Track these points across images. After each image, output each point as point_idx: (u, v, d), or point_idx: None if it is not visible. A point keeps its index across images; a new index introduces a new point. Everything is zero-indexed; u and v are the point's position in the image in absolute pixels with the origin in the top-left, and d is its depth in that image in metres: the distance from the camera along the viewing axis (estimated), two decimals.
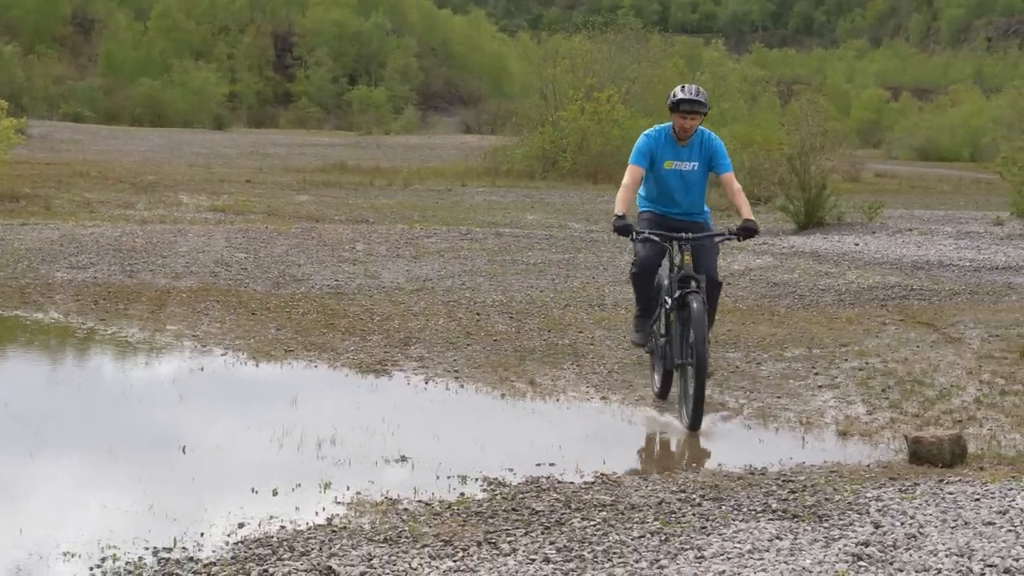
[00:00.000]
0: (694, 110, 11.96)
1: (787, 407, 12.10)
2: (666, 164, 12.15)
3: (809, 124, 35.34)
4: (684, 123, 11.97)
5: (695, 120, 12.02)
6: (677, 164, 12.14)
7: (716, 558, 7.36)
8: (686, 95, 11.98)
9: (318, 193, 38.39)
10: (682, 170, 12.16)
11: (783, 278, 21.10)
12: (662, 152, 12.15)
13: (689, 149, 12.15)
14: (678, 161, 12.13)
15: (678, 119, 12.02)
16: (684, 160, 12.13)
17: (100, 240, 23.06)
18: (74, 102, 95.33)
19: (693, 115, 11.98)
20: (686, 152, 12.14)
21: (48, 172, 40.40)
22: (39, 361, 14.52)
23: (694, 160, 12.16)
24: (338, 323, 15.98)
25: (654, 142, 12.19)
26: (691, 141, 12.14)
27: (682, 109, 11.96)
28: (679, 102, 11.97)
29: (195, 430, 10.98)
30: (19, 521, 8.30)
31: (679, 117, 12.00)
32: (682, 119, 11.98)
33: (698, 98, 11.99)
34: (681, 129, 12.03)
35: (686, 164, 12.13)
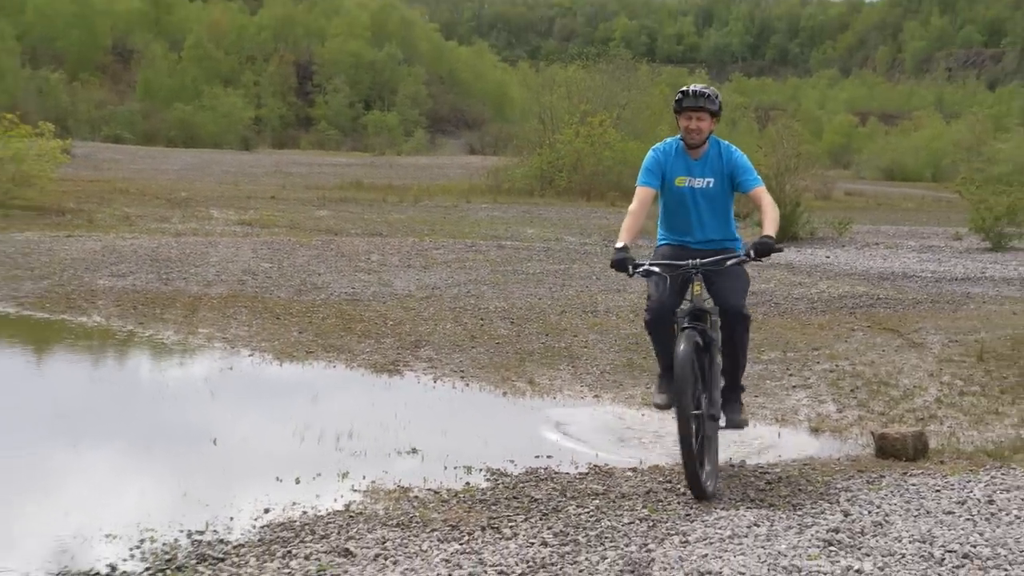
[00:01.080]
0: (700, 106, 9.33)
1: (764, 405, 12.10)
2: (677, 181, 9.50)
3: (784, 147, 35.45)
4: (690, 124, 9.33)
5: (704, 121, 9.36)
6: (690, 181, 9.48)
7: (699, 543, 7.38)
8: (692, 88, 9.48)
9: (336, 208, 38.40)
10: (696, 188, 9.49)
11: (760, 287, 21.08)
12: (672, 167, 9.53)
13: (703, 163, 9.49)
14: (691, 177, 9.48)
15: (683, 120, 9.41)
16: (697, 176, 9.47)
17: (138, 251, 23.09)
18: (114, 125, 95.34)
19: (700, 113, 9.34)
20: (699, 166, 9.48)
21: (91, 189, 40.39)
22: (83, 361, 14.51)
23: (709, 176, 9.48)
24: (354, 327, 15.98)
25: (663, 155, 9.57)
26: (705, 153, 9.48)
27: (686, 106, 9.38)
28: (683, 98, 9.44)
29: (225, 424, 10.99)
30: (64, 506, 8.31)
31: (684, 118, 9.40)
32: (687, 119, 9.36)
33: (705, 91, 9.44)
34: (687, 132, 9.35)
35: (700, 180, 9.46)
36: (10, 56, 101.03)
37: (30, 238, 25.16)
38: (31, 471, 9.37)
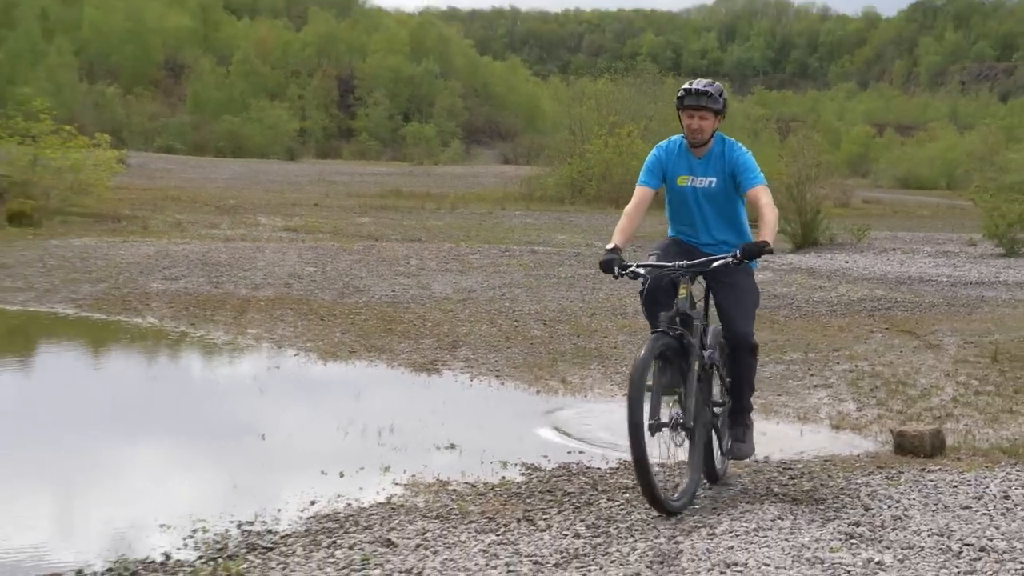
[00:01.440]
0: (701, 104, 8.56)
1: (786, 404, 12.06)
2: (679, 180, 8.81)
3: (805, 157, 35.32)
4: (691, 123, 8.59)
5: (706, 120, 8.60)
6: (692, 180, 8.77)
7: (726, 535, 7.35)
8: (692, 86, 8.69)
9: (377, 215, 38.44)
10: (698, 187, 8.76)
11: (782, 291, 21.03)
12: (675, 166, 8.84)
13: (706, 161, 8.75)
14: (693, 176, 8.77)
15: (685, 119, 8.67)
16: (699, 175, 8.75)
17: (190, 255, 23.15)
18: (166, 136, 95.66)
19: (702, 112, 8.58)
20: (702, 165, 8.75)
21: (144, 196, 40.52)
22: (138, 360, 14.56)
23: (711, 175, 8.73)
24: (395, 328, 15.99)
25: (664, 154, 8.88)
26: (709, 152, 8.74)
27: (687, 105, 8.62)
28: (684, 96, 8.66)
29: (272, 420, 11.01)
30: (121, 497, 8.35)
31: (686, 116, 8.65)
32: (688, 118, 8.61)
33: (706, 89, 8.63)
34: (689, 132, 8.63)
35: (701, 180, 8.74)
36: (68, 71, 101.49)
37: (88, 243, 25.25)
38: (89, 464, 9.40)
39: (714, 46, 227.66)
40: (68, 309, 16.98)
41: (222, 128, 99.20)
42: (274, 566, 6.72)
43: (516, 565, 6.68)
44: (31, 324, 16.26)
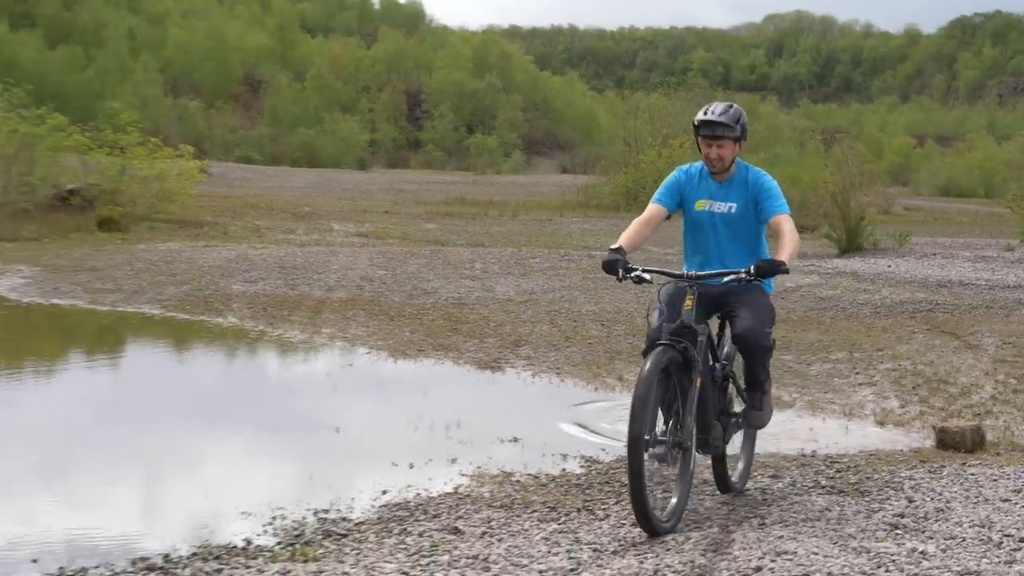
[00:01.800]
0: (716, 135, 7.96)
1: (833, 401, 11.99)
2: (697, 205, 8.16)
3: (849, 166, 35.16)
4: (709, 152, 8.01)
5: (724, 148, 7.99)
6: (710, 205, 8.11)
7: (775, 525, 7.33)
8: (708, 116, 8.02)
9: (443, 222, 38.49)
10: (715, 212, 8.08)
11: (828, 294, 20.91)
12: (694, 190, 8.20)
13: (727, 187, 8.11)
14: (712, 201, 8.11)
15: (703, 147, 8.12)
16: (719, 200, 8.08)
17: (267, 259, 23.25)
18: (245, 147, 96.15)
19: (720, 141, 7.98)
20: (722, 191, 8.10)
21: (225, 204, 40.73)
22: (219, 357, 14.64)
23: (732, 200, 8.06)
24: (460, 328, 16.00)
25: (685, 177, 8.28)
26: (731, 178, 8.11)
27: (703, 134, 8.06)
28: (700, 125, 8.05)
29: (346, 414, 11.04)
30: (204, 486, 8.39)
31: (704, 144, 8.09)
32: (707, 146, 8.05)
33: (721, 119, 7.95)
34: (708, 161, 8.05)
35: (721, 205, 8.06)
36: (154, 87, 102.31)
37: (172, 248, 25.41)
38: (175, 455, 9.45)
39: (762, 62, 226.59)
40: (154, 309, 17.09)
41: (297, 140, 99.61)
42: (348, 552, 6.74)
43: (576, 552, 6.67)
44: (120, 323, 16.37)
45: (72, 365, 14.22)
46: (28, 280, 19.94)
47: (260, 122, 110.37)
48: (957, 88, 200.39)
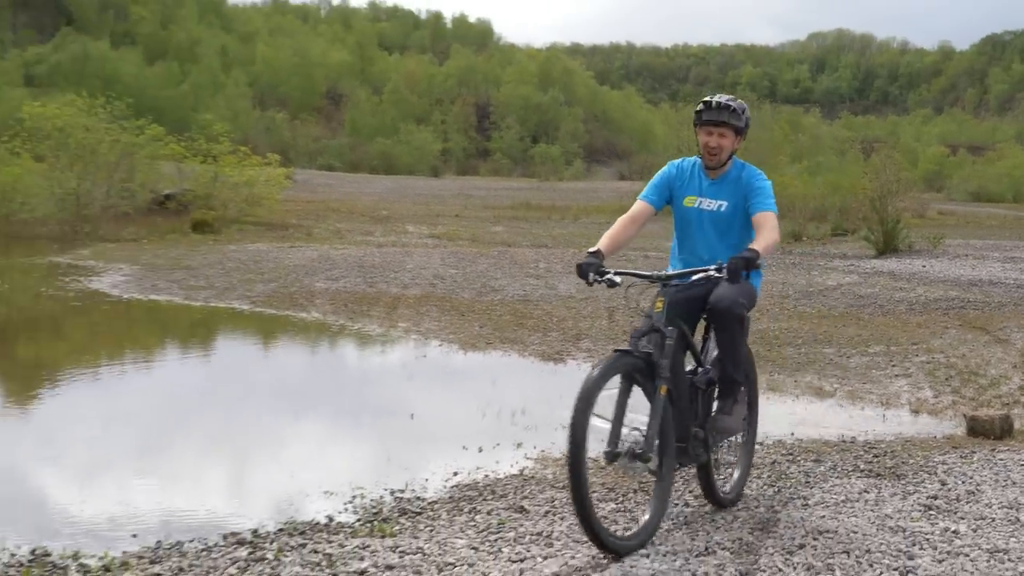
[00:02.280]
0: (722, 120, 7.11)
1: (871, 391, 11.91)
2: (686, 201, 7.32)
3: (886, 173, 34.85)
4: (709, 140, 7.12)
5: (725, 138, 7.12)
6: (700, 202, 7.27)
7: (818, 506, 7.30)
8: (713, 100, 7.25)
9: (509, 225, 38.53)
10: (704, 209, 7.24)
11: (867, 292, 20.76)
12: (684, 185, 7.34)
13: (719, 184, 7.23)
14: (701, 198, 7.26)
15: (703, 136, 7.19)
16: (709, 197, 7.23)
17: (348, 259, 23.34)
18: (327, 156, 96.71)
19: (722, 129, 7.11)
20: (714, 188, 7.24)
21: (308, 208, 40.94)
22: (303, 349, 14.70)
23: (723, 199, 7.19)
24: (526, 323, 16.00)
25: (676, 171, 7.40)
26: (725, 175, 7.24)
27: (706, 120, 7.16)
28: (704, 110, 7.19)
29: (420, 401, 11.06)
30: (289, 467, 8.43)
31: (704, 133, 7.18)
32: (706, 135, 7.16)
33: (728, 103, 7.19)
34: (707, 150, 7.16)
35: (710, 202, 7.22)
36: (243, 100, 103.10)
37: (260, 248, 25.57)
38: (262, 438, 9.52)
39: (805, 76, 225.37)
40: (244, 305, 17.20)
41: (375, 149, 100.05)
42: (422, 528, 6.76)
43: (632, 529, 6.67)
44: (212, 318, 16.48)
45: (168, 356, 14.33)
46: (128, 278, 20.12)
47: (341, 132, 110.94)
48: (988, 101, 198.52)
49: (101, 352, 14.28)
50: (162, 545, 6.44)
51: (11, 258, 23.96)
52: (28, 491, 7.97)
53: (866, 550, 6.35)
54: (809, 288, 21.08)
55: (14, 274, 21.10)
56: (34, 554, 6.22)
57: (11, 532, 6.66)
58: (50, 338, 15.49)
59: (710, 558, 6.18)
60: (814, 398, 11.51)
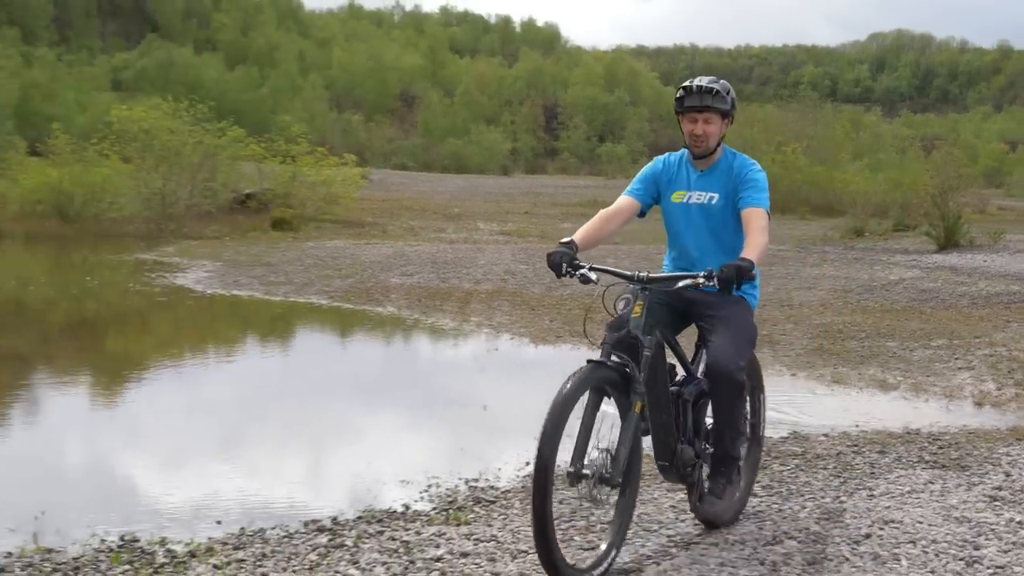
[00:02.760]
0: (705, 105, 6.23)
1: (934, 383, 11.75)
2: (674, 196, 6.47)
3: (946, 170, 34.46)
4: (694, 128, 6.25)
5: (711, 124, 6.26)
6: (688, 196, 6.41)
7: (883, 496, 7.21)
8: (694, 83, 6.33)
9: (577, 221, 38.17)
10: (692, 204, 6.40)
11: (929, 286, 20.51)
12: (672, 181, 6.50)
13: (708, 176, 6.40)
14: (690, 191, 6.41)
15: (687, 124, 6.32)
16: (698, 189, 6.39)
17: (421, 255, 23.38)
18: (401, 156, 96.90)
19: (707, 114, 6.24)
20: (702, 180, 6.40)
21: (383, 206, 41.06)
22: (379, 342, 14.75)
23: (713, 190, 6.36)
24: (595, 317, 15.91)
25: (663, 166, 6.57)
26: (715, 165, 6.40)
27: (688, 106, 6.29)
28: (684, 95, 6.32)
29: (492, 393, 11.05)
30: (367, 457, 8.45)
31: (687, 120, 6.31)
32: (690, 122, 6.29)
33: (710, 85, 6.29)
34: (692, 139, 6.29)
35: (699, 195, 6.37)
36: (320, 102, 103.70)
37: (338, 245, 25.67)
38: (340, 429, 9.55)
39: (866, 76, 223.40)
40: (322, 300, 17.27)
41: (447, 149, 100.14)
42: (496, 516, 6.75)
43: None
44: (292, 312, 16.56)
45: (249, 349, 14.42)
46: (211, 274, 20.27)
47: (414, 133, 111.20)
48: None
49: (185, 345, 14.39)
50: (245, 532, 6.46)
51: (100, 255, 24.21)
52: (117, 480, 8.04)
53: (932, 540, 6.26)
54: (872, 283, 20.86)
55: (103, 270, 21.32)
56: (123, 540, 6.27)
57: (102, 519, 6.71)
58: (137, 332, 15.64)
59: (778, 547, 6.12)
60: (878, 390, 11.39)
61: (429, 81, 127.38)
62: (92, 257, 23.88)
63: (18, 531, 6.40)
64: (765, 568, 5.77)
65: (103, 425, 9.79)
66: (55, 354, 13.59)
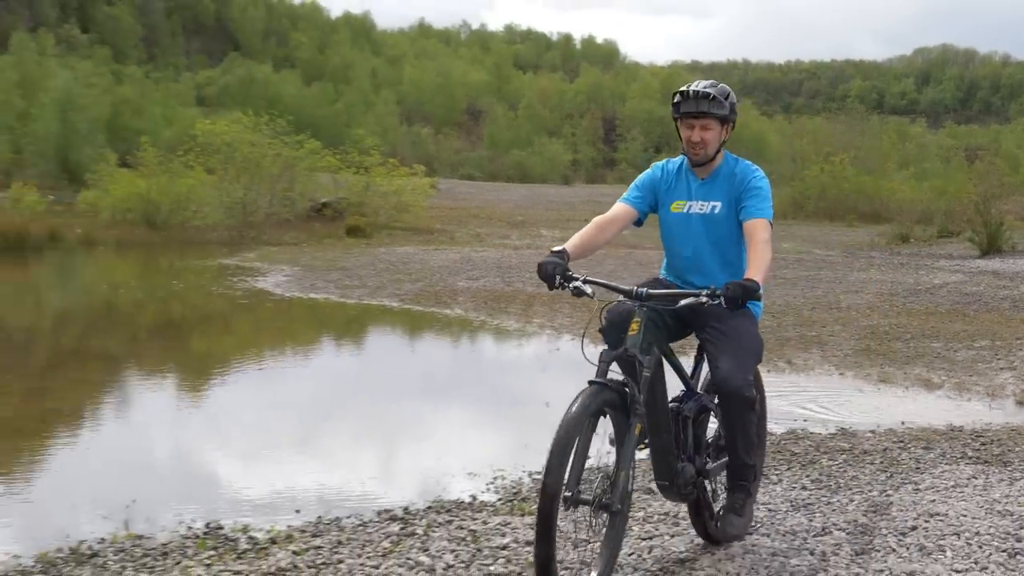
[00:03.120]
0: (701, 111, 5.55)
1: (977, 382, 11.62)
2: (673, 206, 5.80)
3: (989, 179, 34.13)
4: (691, 135, 5.58)
5: (710, 131, 5.58)
6: (689, 205, 5.75)
7: (928, 490, 7.14)
8: (691, 89, 5.62)
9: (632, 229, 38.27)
10: (695, 213, 5.73)
11: (972, 289, 20.28)
12: (671, 189, 5.82)
13: (710, 184, 5.73)
14: (691, 200, 5.75)
15: (684, 130, 5.64)
16: (699, 199, 5.73)
17: (487, 260, 23.42)
18: (468, 166, 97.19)
19: (705, 120, 5.56)
20: (704, 188, 5.73)
21: (451, 214, 41.16)
22: (447, 342, 14.78)
23: (716, 199, 5.70)
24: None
25: (661, 173, 5.88)
26: (716, 172, 5.73)
27: (684, 111, 5.61)
28: (681, 101, 5.63)
29: (554, 391, 11.03)
30: (436, 451, 8.48)
31: (685, 127, 5.63)
32: (688, 129, 5.60)
33: (708, 90, 5.59)
34: (690, 146, 5.62)
35: (701, 204, 5.72)
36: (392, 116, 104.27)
37: (408, 251, 25.76)
38: (411, 424, 9.58)
39: (911, 89, 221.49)
40: (393, 302, 17.34)
41: (511, 160, 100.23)
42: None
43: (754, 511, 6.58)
44: (365, 314, 16.64)
45: (325, 348, 14.51)
46: (289, 278, 20.41)
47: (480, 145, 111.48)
48: None
49: (265, 345, 14.50)
50: (322, 520, 6.51)
51: (185, 260, 24.45)
52: (202, 471, 8.12)
53: (975, 532, 6.19)
54: (917, 286, 20.66)
55: (188, 275, 21.52)
56: (208, 527, 6.33)
57: (188, 508, 6.78)
58: (220, 332, 15.79)
59: (827, 537, 6.08)
60: (923, 389, 11.28)
61: (494, 95, 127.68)
62: (178, 262, 24.12)
63: (111, 519, 6.48)
64: (814, 558, 5.73)
65: (189, 420, 9.89)
66: (144, 353, 13.75)
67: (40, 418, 9.78)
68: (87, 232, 29.49)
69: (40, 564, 5.54)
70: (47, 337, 15.16)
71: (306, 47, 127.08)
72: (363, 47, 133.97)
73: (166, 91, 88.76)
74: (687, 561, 5.66)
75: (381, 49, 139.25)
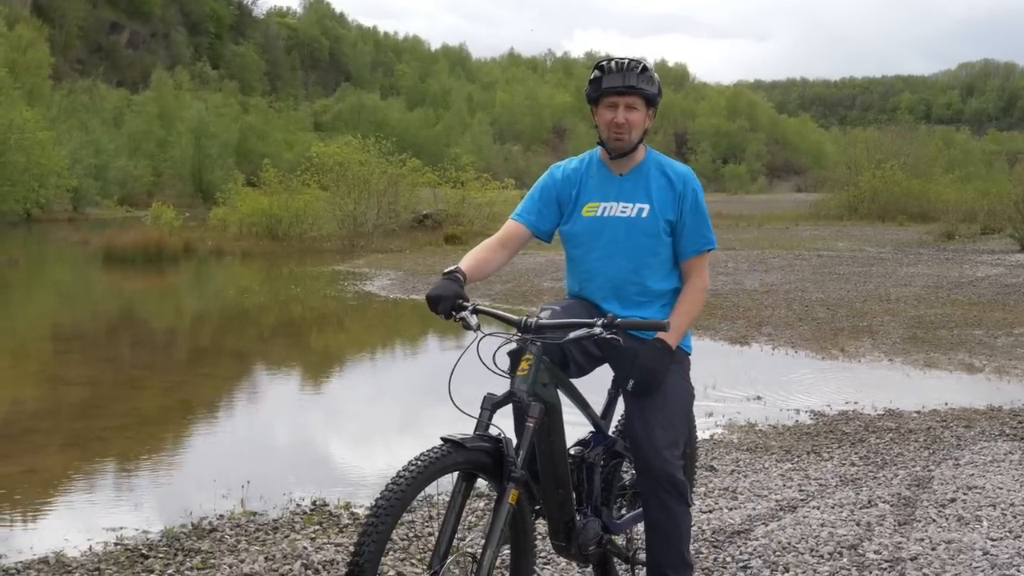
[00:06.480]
0: (630, 86, 3.80)
1: (1016, 366, 11.34)
2: (586, 209, 3.99)
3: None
4: (615, 116, 3.84)
5: (635, 112, 3.85)
6: (605, 207, 3.96)
7: (967, 465, 6.97)
8: (613, 63, 3.86)
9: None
10: (611, 217, 3.94)
11: (1011, 281, 19.83)
12: (582, 188, 4.03)
13: (632, 180, 3.97)
14: (606, 202, 3.96)
15: (603, 112, 3.90)
16: (619, 199, 3.94)
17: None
18: None
19: (629, 98, 3.83)
20: (625, 186, 3.96)
21: None
22: None
23: (641, 200, 3.92)
24: (716, 312, 15.74)
25: (562, 175, 4.10)
26: (637, 168, 3.98)
27: (606, 89, 3.85)
28: (601, 76, 3.87)
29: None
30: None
31: (605, 107, 3.89)
32: (610, 110, 3.87)
33: (635, 64, 3.84)
34: (612, 129, 3.87)
35: (625, 206, 3.92)
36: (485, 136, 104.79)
37: None
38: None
39: (956, 100, 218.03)
40: (485, 301, 17.33)
41: None
42: None
43: (806, 485, 6.47)
44: None
45: (426, 344, 14.55)
46: (394, 281, 20.54)
47: None
48: None
49: (374, 342, 14.60)
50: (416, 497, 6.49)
51: (303, 267, 24.72)
52: (313, 453, 8.17)
53: (1010, 503, 6.03)
54: (960, 279, 20.25)
55: (306, 280, 21.75)
56: (315, 504, 6.36)
57: (297, 486, 6.82)
58: (334, 330, 15.91)
59: (872, 509, 5.95)
60: (965, 373, 11.04)
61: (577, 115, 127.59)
62: (296, 269, 24.38)
63: (229, 497, 6.53)
64: (861, 528, 5.61)
65: (305, 407, 9.96)
66: (268, 349, 13.91)
67: (173, 409, 9.92)
68: (217, 244, 30.01)
69: (165, 539, 5.59)
70: (183, 337, 15.40)
71: (409, 76, 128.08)
72: (459, 75, 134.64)
73: (286, 119, 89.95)
74: (742, 533, 5.56)
75: (476, 76, 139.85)
